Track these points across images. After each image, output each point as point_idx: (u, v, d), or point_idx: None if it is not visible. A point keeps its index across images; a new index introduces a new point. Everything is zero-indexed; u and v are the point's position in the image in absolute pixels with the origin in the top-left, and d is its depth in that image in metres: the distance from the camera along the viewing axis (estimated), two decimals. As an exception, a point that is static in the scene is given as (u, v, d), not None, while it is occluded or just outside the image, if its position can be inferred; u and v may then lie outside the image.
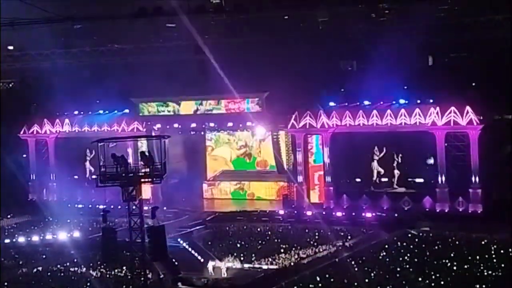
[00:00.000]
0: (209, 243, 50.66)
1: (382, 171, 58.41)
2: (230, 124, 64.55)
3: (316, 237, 50.48)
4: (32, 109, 70.26)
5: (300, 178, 60.26)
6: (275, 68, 56.63)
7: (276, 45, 60.05)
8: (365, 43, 58.98)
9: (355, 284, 39.12)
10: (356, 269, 42.06)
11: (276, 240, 50.11)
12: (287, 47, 59.76)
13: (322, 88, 60.53)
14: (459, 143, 54.90)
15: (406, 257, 43.69)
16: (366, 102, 59.09)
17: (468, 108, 54.48)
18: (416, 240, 48.49)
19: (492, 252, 43.83)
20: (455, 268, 41.09)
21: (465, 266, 41.25)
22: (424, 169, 57.12)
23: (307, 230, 52.25)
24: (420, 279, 39.38)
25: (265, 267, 44.90)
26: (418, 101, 57.12)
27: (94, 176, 53.28)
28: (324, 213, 57.06)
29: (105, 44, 65.30)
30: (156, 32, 64.17)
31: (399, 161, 57.69)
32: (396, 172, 58.08)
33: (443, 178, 55.27)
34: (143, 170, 29.14)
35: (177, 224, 55.70)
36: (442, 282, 38.64)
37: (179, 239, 51.47)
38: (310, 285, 39.58)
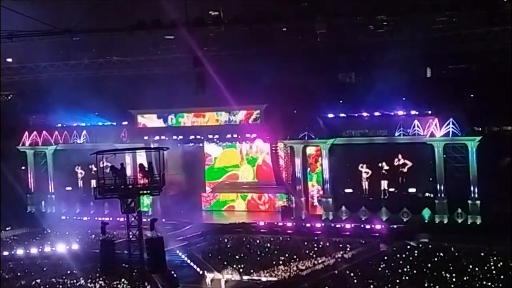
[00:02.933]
0: (208, 255, 50.56)
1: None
2: (229, 136, 64.64)
3: (315, 249, 50.40)
4: (31, 121, 70.22)
5: (299, 190, 60.29)
6: (274, 80, 56.75)
7: (274, 57, 60.15)
8: (364, 55, 59.13)
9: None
10: (355, 281, 42.01)
11: (275, 252, 50.03)
12: (286, 59, 59.84)
13: (321, 99, 60.59)
14: (457, 154, 54.93)
15: (405, 269, 43.60)
16: (365, 114, 59.13)
17: (466, 119, 54.59)
18: (415, 251, 48.42)
19: (491, 263, 43.78)
20: (454, 279, 41.02)
21: (464, 278, 41.18)
22: (423, 180, 57.11)
23: (306, 242, 52.16)
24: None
25: (264, 279, 44.85)
26: (417, 113, 57.19)
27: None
28: (323, 224, 57.00)
29: (103, 57, 65.42)
30: (154, 45, 64.39)
31: (397, 171, 57.72)
32: (394, 182, 58.18)
33: (442, 190, 55.27)
34: (141, 182, 29.13)
35: (176, 236, 55.61)
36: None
37: (178, 251, 51.42)
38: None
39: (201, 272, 46.81)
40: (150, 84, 63.85)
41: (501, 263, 43.64)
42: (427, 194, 56.68)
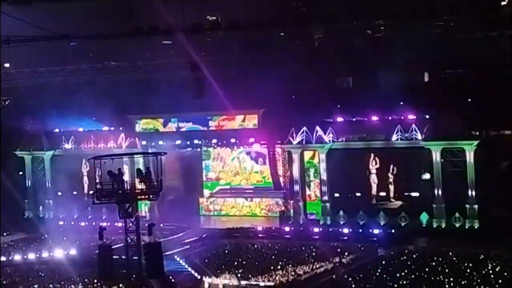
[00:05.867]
0: (206, 260, 50.50)
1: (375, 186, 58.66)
2: (225, 141, 64.74)
3: (313, 253, 50.36)
4: (29, 126, 70.13)
5: (296, 195, 60.29)
6: (272, 85, 56.75)
7: (272, 62, 60.18)
8: (361, 59, 59.14)
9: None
10: (353, 285, 41.98)
11: (273, 257, 49.99)
12: (284, 64, 59.88)
13: (318, 104, 60.63)
14: (455, 158, 54.97)
15: (403, 273, 43.58)
16: (362, 118, 59.13)
17: (463, 123, 54.65)
18: (413, 256, 48.40)
19: (489, 268, 43.78)
20: (452, 284, 41.00)
21: (462, 282, 41.17)
22: (420, 184, 57.14)
23: (304, 247, 52.12)
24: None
25: (262, 284, 44.77)
26: (414, 117, 57.23)
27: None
28: (321, 229, 56.97)
29: (101, 62, 65.40)
30: (152, 50, 64.36)
31: (395, 176, 57.77)
32: (392, 187, 58.31)
33: (440, 194, 55.28)
34: (139, 187, 29.11)
35: (174, 241, 55.56)
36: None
37: (175, 256, 51.34)
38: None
39: (199, 277, 46.76)
40: (148, 89, 63.95)
41: (499, 267, 43.63)
42: (424, 198, 56.68)
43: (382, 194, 58.80)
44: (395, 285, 41.28)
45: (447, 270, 43.59)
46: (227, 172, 69.15)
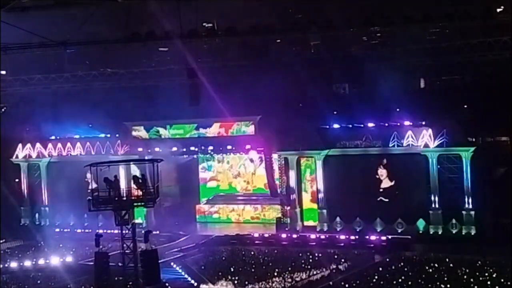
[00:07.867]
0: (203, 266, 50.43)
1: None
2: (222, 147, 64.68)
3: (310, 260, 50.31)
4: (25, 133, 70.07)
5: (293, 201, 60.22)
6: (268, 92, 56.81)
7: (268, 69, 60.22)
8: (358, 66, 59.21)
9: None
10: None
11: (269, 264, 49.94)
12: (280, 70, 59.91)
13: (315, 110, 60.63)
14: (451, 165, 54.98)
15: (400, 280, 43.56)
16: (359, 125, 59.13)
17: (460, 130, 54.70)
18: (410, 262, 48.38)
19: (486, 274, 43.77)
20: (449, 290, 41.06)
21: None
22: (418, 191, 57.07)
23: (300, 254, 52.07)
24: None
25: (259, 291, 44.77)
26: (411, 123, 57.26)
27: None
28: (317, 236, 56.91)
29: (97, 69, 65.35)
30: (148, 56, 64.34)
31: (392, 182, 57.76)
32: (388, 193, 58.31)
33: (436, 200, 55.28)
34: (135, 194, 29.11)
35: (170, 248, 55.47)
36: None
37: (172, 263, 51.27)
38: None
39: (195, 284, 46.70)
40: (144, 96, 63.87)
41: (496, 274, 43.63)
42: (421, 205, 56.69)
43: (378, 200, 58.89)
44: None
45: (443, 276, 43.58)
46: (227, 173, 69.11)
